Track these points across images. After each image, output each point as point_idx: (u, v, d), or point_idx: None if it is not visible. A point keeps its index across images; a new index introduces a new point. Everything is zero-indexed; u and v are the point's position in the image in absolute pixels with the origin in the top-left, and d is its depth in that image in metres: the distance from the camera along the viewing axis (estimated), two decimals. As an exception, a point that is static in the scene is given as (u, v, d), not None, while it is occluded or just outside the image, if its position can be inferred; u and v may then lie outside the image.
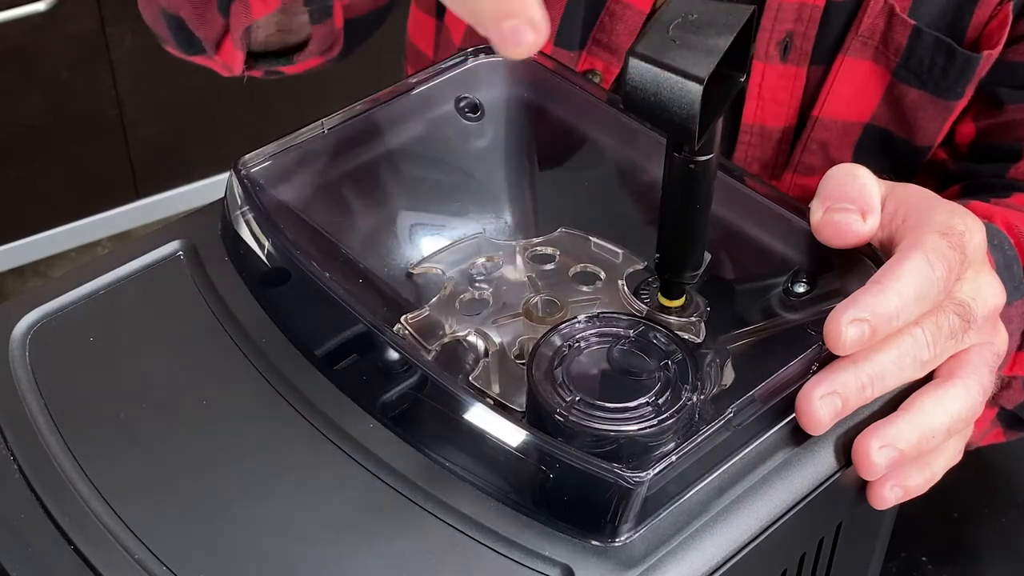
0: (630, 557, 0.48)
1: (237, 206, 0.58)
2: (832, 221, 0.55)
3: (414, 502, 0.49)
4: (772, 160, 0.83)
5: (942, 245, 0.54)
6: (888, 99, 0.79)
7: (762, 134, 0.82)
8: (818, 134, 0.80)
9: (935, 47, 0.77)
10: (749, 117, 0.81)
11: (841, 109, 0.80)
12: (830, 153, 0.81)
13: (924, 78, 0.78)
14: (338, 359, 0.55)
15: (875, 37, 0.77)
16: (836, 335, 0.51)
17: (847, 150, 0.81)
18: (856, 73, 0.78)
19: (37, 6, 1.93)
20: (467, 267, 0.61)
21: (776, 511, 0.50)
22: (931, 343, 0.54)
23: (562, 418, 0.50)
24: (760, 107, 0.81)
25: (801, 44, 0.79)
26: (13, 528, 0.49)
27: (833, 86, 0.79)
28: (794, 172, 0.82)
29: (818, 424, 0.51)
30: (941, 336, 0.54)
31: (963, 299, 0.55)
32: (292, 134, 0.61)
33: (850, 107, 0.80)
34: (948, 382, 0.55)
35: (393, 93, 0.63)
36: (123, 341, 0.56)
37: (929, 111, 0.79)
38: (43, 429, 0.52)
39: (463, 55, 0.66)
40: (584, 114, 0.65)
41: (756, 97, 0.80)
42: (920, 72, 0.78)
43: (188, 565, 0.47)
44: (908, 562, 0.76)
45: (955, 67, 0.77)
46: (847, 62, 0.78)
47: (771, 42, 0.79)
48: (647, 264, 0.61)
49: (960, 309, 0.55)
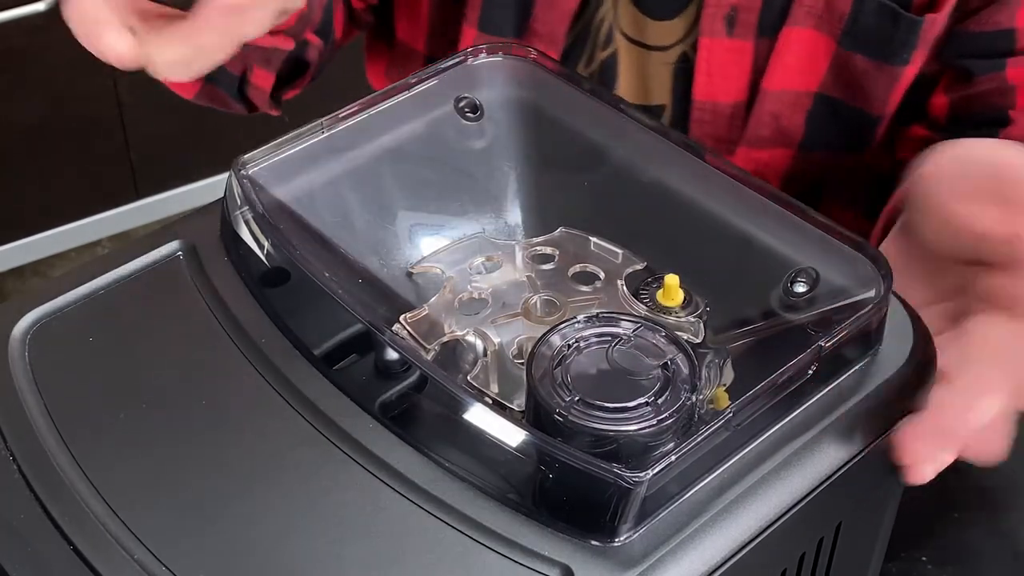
0: (630, 557, 0.48)
1: (237, 206, 0.58)
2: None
3: (414, 502, 0.49)
4: (726, 135, 0.83)
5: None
6: (835, 67, 0.80)
7: (714, 110, 0.82)
8: (769, 106, 0.81)
9: (878, 13, 0.77)
10: (700, 94, 0.81)
11: (790, 80, 0.80)
12: (782, 124, 0.81)
13: (870, 44, 0.78)
14: (337, 359, 0.55)
15: (818, 5, 0.78)
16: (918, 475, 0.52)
17: (798, 121, 0.81)
18: (802, 43, 0.79)
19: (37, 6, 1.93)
20: (467, 267, 0.61)
21: (776, 511, 0.50)
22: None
23: (561, 418, 0.50)
24: (710, 83, 0.81)
25: (746, 17, 0.79)
26: (13, 528, 0.49)
27: (780, 57, 0.79)
28: (748, 146, 0.82)
29: (923, 480, 0.53)
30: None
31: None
32: (292, 134, 0.61)
33: (799, 77, 0.80)
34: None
35: (393, 93, 0.63)
36: (123, 341, 0.56)
37: (877, 78, 0.79)
38: (43, 429, 0.52)
39: (463, 55, 0.66)
40: (584, 114, 0.65)
41: (705, 73, 0.81)
42: (865, 39, 0.78)
43: (188, 565, 0.47)
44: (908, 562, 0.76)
45: (899, 32, 0.77)
46: (793, 32, 0.78)
47: (716, 17, 0.79)
48: (647, 264, 0.61)
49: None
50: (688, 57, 0.82)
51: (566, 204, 0.65)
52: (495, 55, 0.66)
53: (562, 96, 0.66)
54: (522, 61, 0.66)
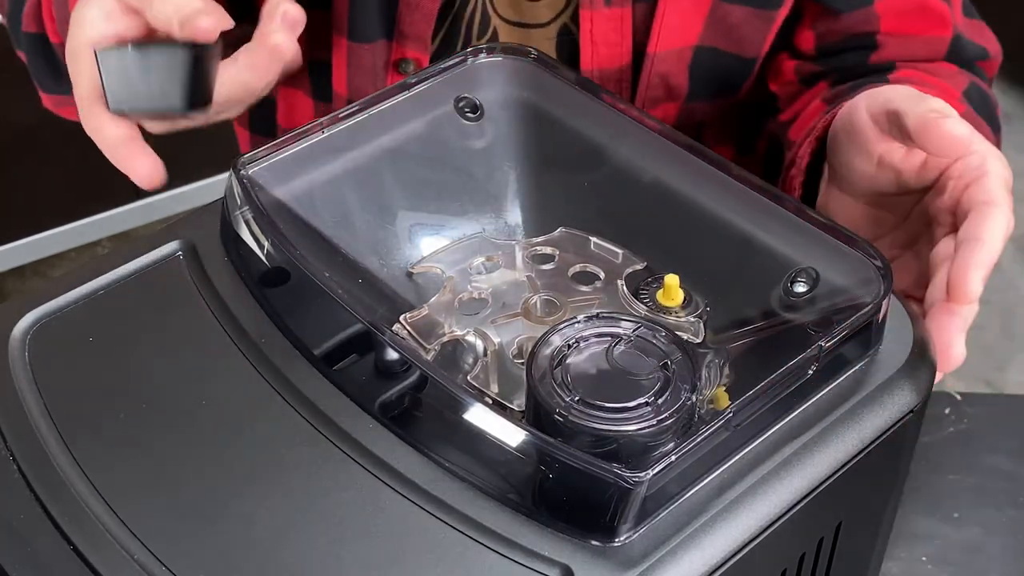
0: (629, 557, 0.48)
1: (236, 206, 0.58)
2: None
3: (414, 502, 0.49)
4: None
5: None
6: (712, 19, 0.82)
7: (601, 77, 0.84)
8: (657, 68, 0.83)
9: None
10: (587, 63, 0.83)
11: (672, 39, 0.82)
12: (669, 82, 0.84)
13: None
14: (337, 359, 0.55)
15: None
16: (967, 291, 0.58)
17: (682, 76, 0.84)
18: (680, 2, 0.80)
19: (37, 6, 1.93)
20: (467, 267, 0.61)
21: (776, 511, 0.50)
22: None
23: (562, 418, 0.50)
24: (595, 52, 0.83)
25: None
26: (13, 528, 0.49)
27: (662, 20, 0.81)
28: (642, 108, 0.83)
29: (958, 363, 0.59)
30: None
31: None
32: (292, 134, 0.61)
33: (678, 35, 0.83)
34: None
35: (392, 93, 0.64)
36: (123, 341, 0.56)
37: (754, 24, 0.82)
38: (43, 429, 0.52)
39: (463, 55, 0.66)
40: (584, 114, 0.65)
41: (590, 43, 0.82)
42: None
43: (188, 565, 0.47)
44: (908, 562, 0.76)
45: None
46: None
47: None
48: (646, 264, 0.61)
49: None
50: (570, 29, 0.84)
51: (566, 204, 0.65)
52: (495, 55, 0.66)
53: (562, 96, 0.66)
54: (522, 61, 0.66)
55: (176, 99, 0.64)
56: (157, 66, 0.63)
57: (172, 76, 0.63)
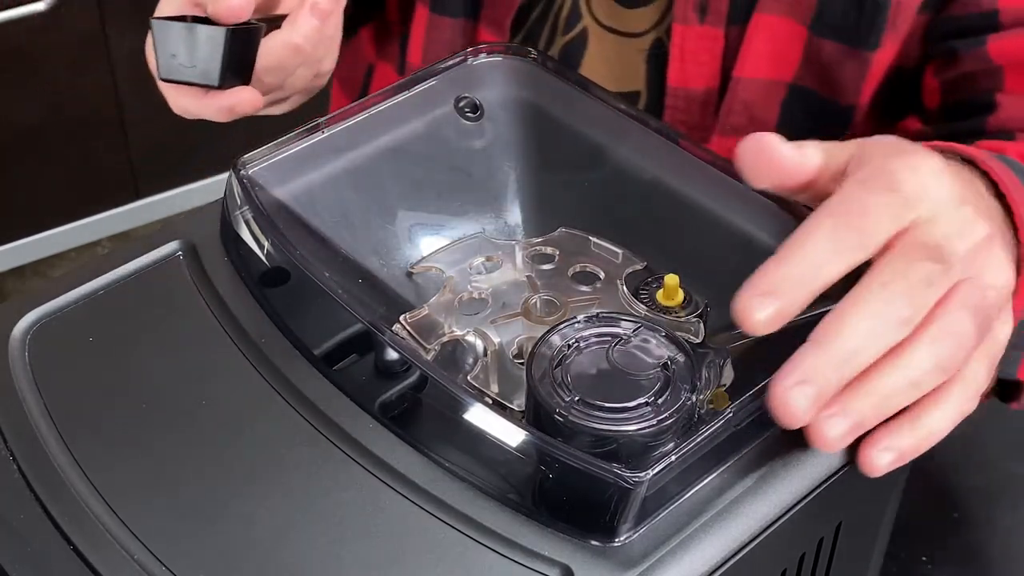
0: (629, 557, 0.48)
1: (236, 206, 0.58)
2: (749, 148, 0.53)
3: (414, 502, 0.49)
4: (699, 123, 0.84)
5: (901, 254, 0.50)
6: (808, 56, 0.80)
7: (687, 97, 0.83)
8: (741, 94, 0.81)
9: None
10: (674, 80, 0.82)
11: (762, 68, 0.81)
12: (755, 114, 0.82)
13: (838, 30, 0.79)
14: (337, 359, 0.55)
15: None
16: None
17: (772, 111, 0.82)
18: (773, 30, 0.79)
19: (37, 6, 1.93)
20: (467, 267, 0.61)
21: (776, 511, 0.50)
22: (905, 295, 0.49)
23: (561, 418, 0.50)
24: (683, 69, 0.82)
25: (717, 5, 0.80)
26: (13, 528, 0.49)
27: (751, 44, 0.80)
28: (721, 134, 0.83)
29: (794, 416, 0.48)
30: (915, 286, 0.49)
31: (933, 241, 0.50)
32: (291, 134, 0.61)
33: (771, 66, 0.81)
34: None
35: (392, 93, 0.64)
36: (123, 341, 0.56)
37: (847, 64, 0.80)
38: (43, 429, 0.52)
39: (463, 55, 0.66)
40: (584, 114, 0.65)
41: (679, 59, 0.82)
42: (834, 24, 0.79)
43: (188, 565, 0.47)
44: (908, 562, 0.76)
45: (865, 15, 0.78)
46: (762, 19, 0.79)
47: (688, 5, 0.80)
48: (647, 264, 0.61)
49: (932, 252, 0.50)
50: (663, 43, 0.83)
51: (566, 204, 0.65)
52: (495, 55, 0.66)
53: (562, 96, 0.66)
54: (522, 61, 0.66)
55: (212, 74, 0.69)
56: (199, 41, 0.68)
57: (211, 53, 0.68)
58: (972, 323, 0.50)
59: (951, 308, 0.50)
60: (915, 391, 0.50)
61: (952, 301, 0.50)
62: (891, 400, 0.50)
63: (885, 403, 0.50)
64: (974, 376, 0.52)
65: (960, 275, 0.51)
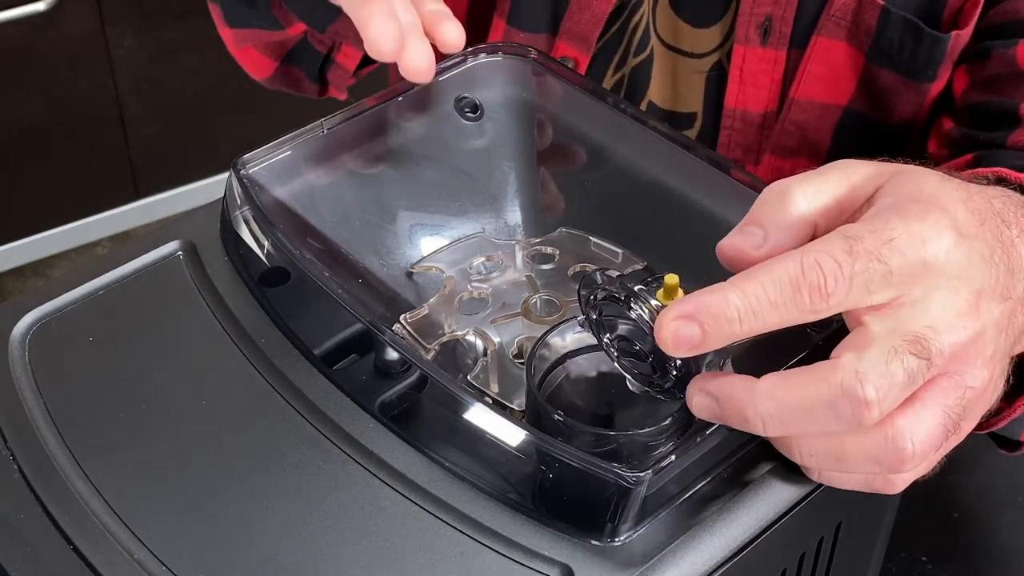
0: (629, 557, 0.48)
1: (236, 206, 0.58)
2: (728, 244, 0.51)
3: (414, 502, 0.49)
4: (755, 145, 0.83)
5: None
6: (864, 82, 0.80)
7: (744, 119, 0.82)
8: (795, 115, 0.81)
9: (903, 28, 0.77)
10: (731, 102, 0.82)
11: (817, 90, 0.80)
12: (808, 136, 0.81)
13: (895, 60, 0.78)
14: (337, 359, 0.55)
15: (847, 17, 0.78)
16: (659, 333, 0.47)
17: (826, 134, 0.81)
18: (831, 54, 0.79)
19: (37, 6, 1.93)
20: (467, 267, 0.61)
21: (776, 511, 0.50)
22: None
23: (561, 418, 0.50)
24: (742, 91, 0.81)
25: (780, 27, 0.79)
26: (13, 528, 0.49)
27: (808, 66, 0.79)
28: (772, 154, 0.82)
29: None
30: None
31: (916, 331, 0.48)
32: (292, 134, 0.61)
33: (827, 89, 0.80)
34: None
35: (393, 93, 0.64)
36: (123, 341, 0.56)
37: (903, 94, 0.79)
38: (43, 429, 0.52)
39: (463, 55, 0.66)
40: (584, 114, 0.65)
41: (738, 81, 0.81)
42: (891, 53, 0.78)
43: (188, 565, 0.47)
44: (908, 562, 0.76)
45: (923, 48, 0.77)
46: (821, 42, 0.79)
47: (751, 26, 0.79)
48: (646, 264, 0.61)
49: (912, 345, 0.47)
50: (723, 66, 0.82)
51: (566, 204, 0.65)
52: (495, 55, 0.66)
53: (562, 96, 0.66)
54: (522, 61, 0.66)
55: None
56: None
57: None
58: (941, 428, 0.49)
59: (923, 411, 0.48)
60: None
61: (926, 399, 0.48)
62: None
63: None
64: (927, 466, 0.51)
65: (938, 370, 0.48)
